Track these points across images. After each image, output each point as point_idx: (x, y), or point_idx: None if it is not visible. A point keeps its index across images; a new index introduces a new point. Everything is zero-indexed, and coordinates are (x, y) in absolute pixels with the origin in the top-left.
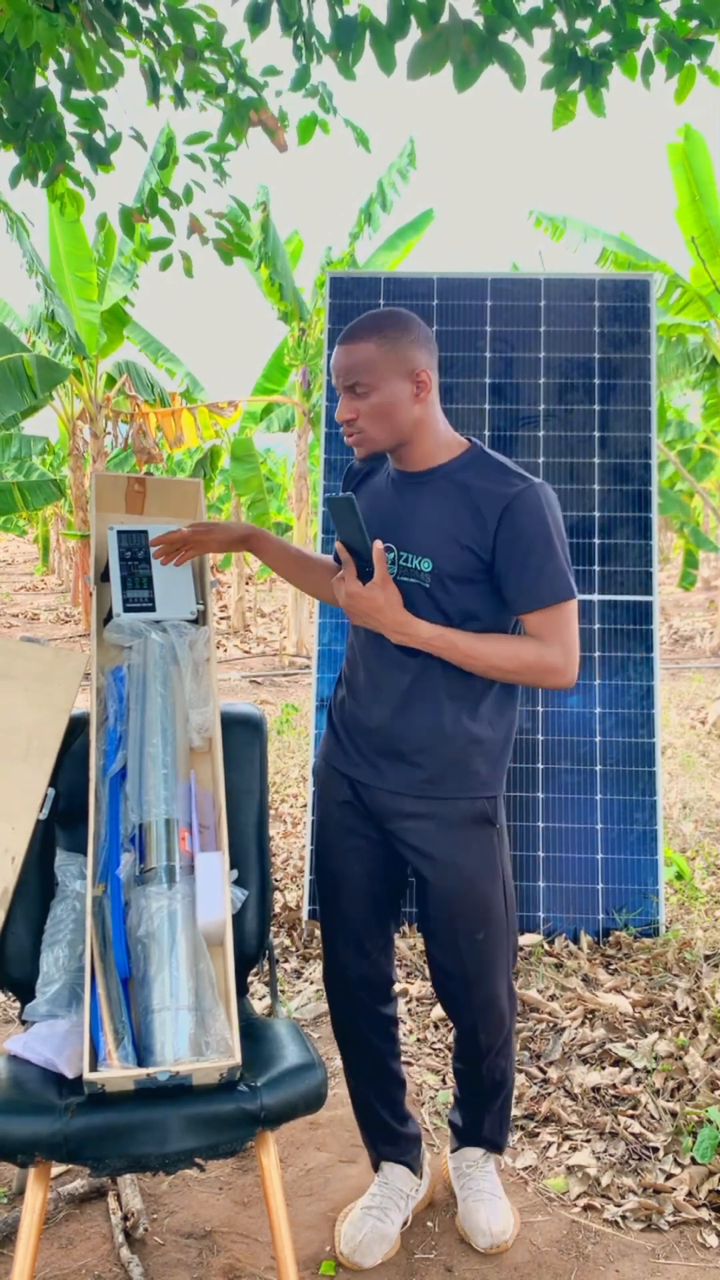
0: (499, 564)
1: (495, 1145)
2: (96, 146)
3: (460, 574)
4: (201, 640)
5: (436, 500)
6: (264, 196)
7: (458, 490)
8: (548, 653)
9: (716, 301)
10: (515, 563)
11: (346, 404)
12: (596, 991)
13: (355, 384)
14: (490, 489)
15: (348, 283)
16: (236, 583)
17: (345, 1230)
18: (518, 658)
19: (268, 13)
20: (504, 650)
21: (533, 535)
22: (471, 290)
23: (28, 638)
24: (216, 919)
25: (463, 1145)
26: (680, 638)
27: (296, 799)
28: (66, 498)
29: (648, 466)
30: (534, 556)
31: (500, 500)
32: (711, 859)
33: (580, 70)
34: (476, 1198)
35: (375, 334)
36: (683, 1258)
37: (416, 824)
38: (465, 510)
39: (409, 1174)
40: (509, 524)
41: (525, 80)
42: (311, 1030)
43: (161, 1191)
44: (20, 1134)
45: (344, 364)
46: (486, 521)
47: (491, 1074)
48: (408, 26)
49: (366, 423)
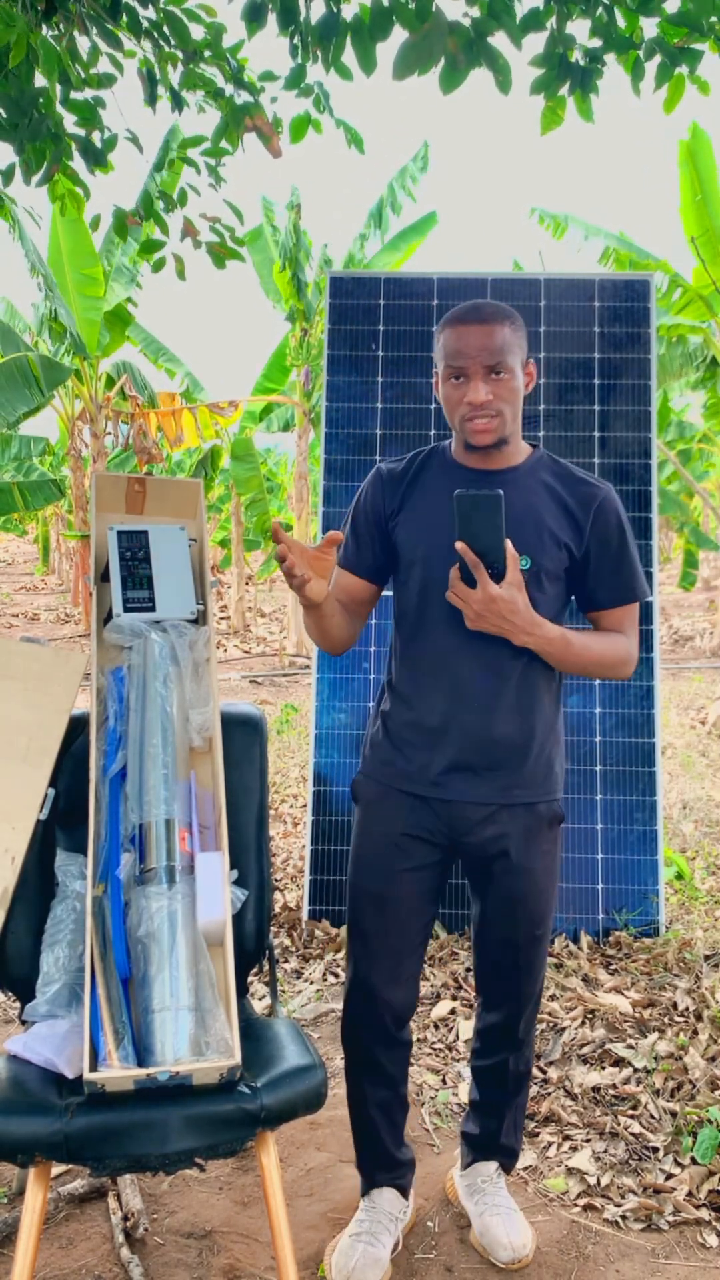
0: (592, 562)
1: (510, 1153)
2: (93, 147)
3: (555, 571)
4: (201, 640)
5: (527, 499)
6: (295, 198)
7: (544, 489)
8: (632, 645)
9: (717, 301)
10: (608, 560)
11: (483, 386)
12: (596, 991)
13: (498, 364)
14: (577, 489)
15: (348, 283)
16: (236, 583)
17: (336, 1261)
18: (616, 652)
19: (264, 12)
20: (606, 645)
21: (622, 534)
22: (471, 290)
23: (28, 638)
24: (216, 919)
25: (476, 1160)
26: (680, 638)
27: (296, 799)
28: (66, 498)
29: (648, 466)
30: (625, 554)
31: (590, 500)
32: (711, 859)
33: (569, 75)
34: (494, 1212)
35: (508, 318)
36: (683, 1258)
37: (499, 830)
38: (558, 509)
39: (397, 1197)
40: (601, 523)
41: (511, 84)
42: (311, 1030)
43: (161, 1191)
44: (20, 1134)
45: (484, 344)
46: (579, 520)
47: (519, 1066)
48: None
49: (505, 406)
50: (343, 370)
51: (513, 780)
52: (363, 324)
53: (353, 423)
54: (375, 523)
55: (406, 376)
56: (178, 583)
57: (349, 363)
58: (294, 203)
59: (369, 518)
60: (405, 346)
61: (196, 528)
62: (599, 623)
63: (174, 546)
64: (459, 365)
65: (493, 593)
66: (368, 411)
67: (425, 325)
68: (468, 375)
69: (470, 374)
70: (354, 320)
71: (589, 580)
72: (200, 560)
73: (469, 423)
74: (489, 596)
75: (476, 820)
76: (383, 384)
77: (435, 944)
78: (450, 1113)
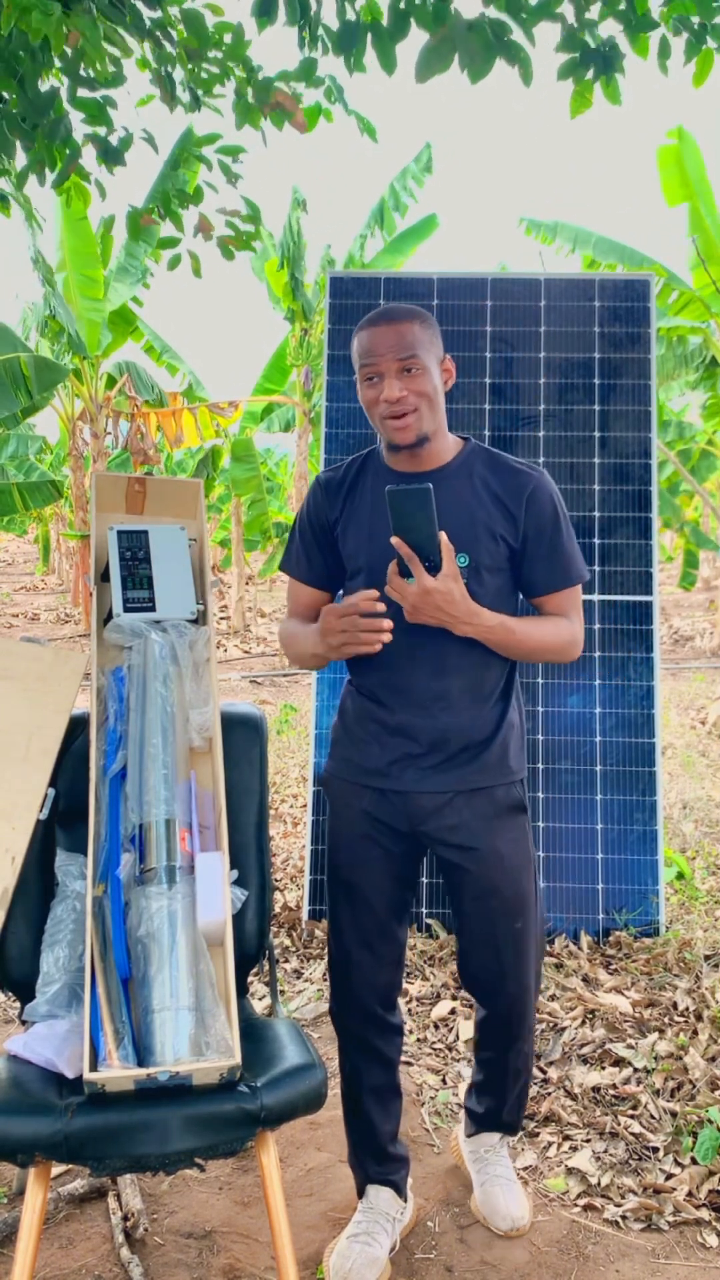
0: (528, 550)
1: (512, 1127)
2: (110, 147)
3: (494, 564)
4: (201, 640)
5: (459, 495)
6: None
7: (477, 483)
8: (575, 628)
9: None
10: (543, 547)
11: (396, 383)
12: (596, 991)
13: (411, 360)
14: (508, 480)
15: (348, 283)
16: (236, 583)
17: (334, 1263)
18: (559, 635)
19: (275, 7)
20: (548, 630)
21: (555, 520)
22: (471, 290)
23: (28, 638)
24: (216, 919)
25: (480, 1130)
26: (680, 638)
27: (296, 799)
28: (66, 498)
29: (648, 466)
30: (559, 540)
31: (522, 490)
32: (711, 859)
33: (594, 60)
34: (494, 1183)
35: (417, 317)
36: (683, 1258)
37: (458, 819)
38: (490, 501)
39: (394, 1197)
40: (534, 511)
41: (533, 75)
42: (311, 1030)
43: (161, 1191)
44: (20, 1134)
45: (393, 342)
46: (512, 511)
47: (516, 1060)
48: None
49: (421, 401)
50: (343, 370)
51: (469, 769)
52: None
53: (353, 423)
54: (319, 533)
55: None
56: (178, 583)
57: (349, 363)
58: (299, 199)
59: (314, 529)
60: None
61: (196, 528)
62: (542, 608)
63: (174, 546)
64: (371, 363)
65: (428, 585)
66: None
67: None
68: (381, 374)
69: (383, 372)
70: (354, 320)
71: (525, 567)
72: (200, 560)
73: (387, 421)
74: (425, 589)
75: (432, 809)
76: None
77: (435, 944)
78: (450, 1112)
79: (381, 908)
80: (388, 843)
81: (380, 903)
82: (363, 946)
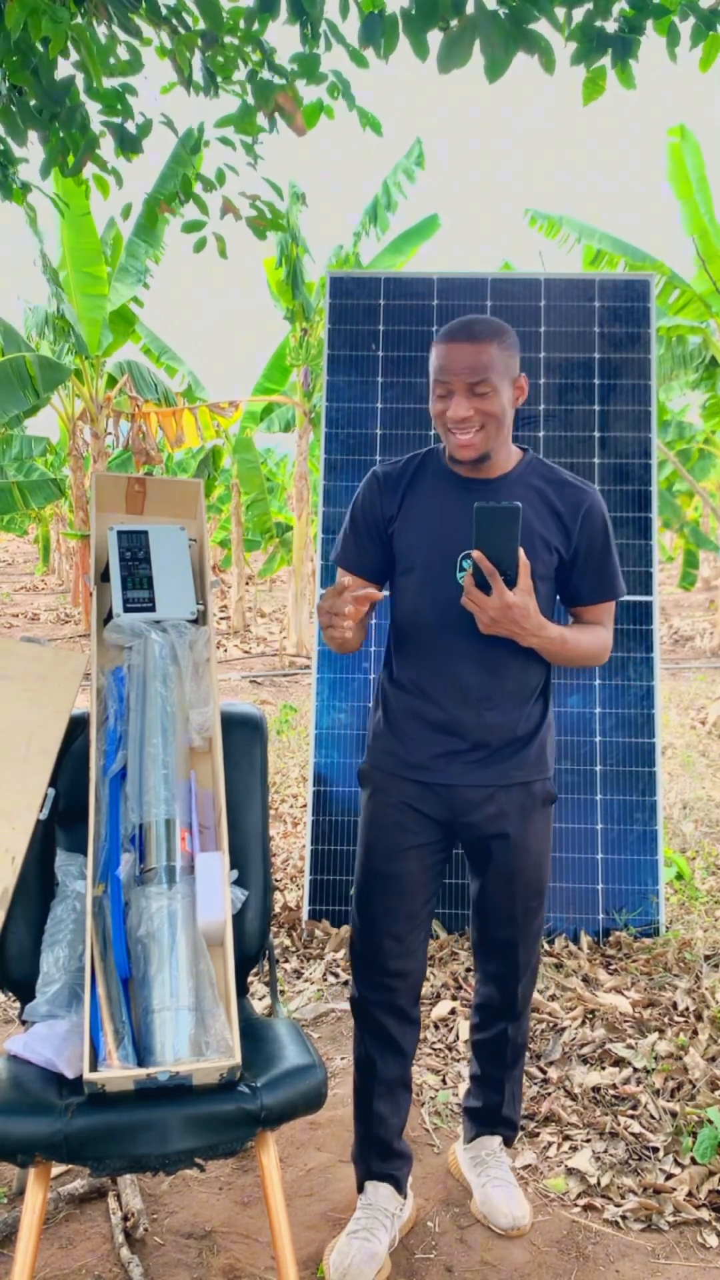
0: (579, 563)
1: (511, 1126)
2: (128, 135)
3: (546, 574)
4: (201, 640)
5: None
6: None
7: (535, 495)
8: (609, 637)
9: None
10: (594, 562)
11: (465, 403)
12: (596, 991)
13: (480, 383)
14: (564, 494)
15: (348, 283)
16: (236, 583)
17: (334, 1260)
18: (598, 644)
19: (278, 2)
20: (593, 639)
21: (606, 536)
22: (471, 290)
23: (28, 638)
24: (216, 919)
25: (479, 1134)
26: (680, 638)
27: (296, 799)
28: (66, 498)
29: (648, 466)
30: (608, 556)
31: (578, 506)
32: (711, 859)
33: (609, 45)
34: (495, 1184)
35: (497, 336)
36: (683, 1258)
37: (497, 809)
38: (547, 514)
39: (394, 1193)
40: (588, 528)
41: (555, 63)
42: (311, 1030)
43: (161, 1191)
44: (20, 1134)
45: (469, 362)
46: (567, 525)
47: (517, 1037)
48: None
49: (488, 422)
50: (343, 370)
51: (511, 764)
52: (363, 324)
53: (353, 423)
54: (375, 526)
55: (406, 376)
56: (178, 583)
57: (349, 363)
58: (298, 192)
59: (369, 521)
60: (405, 346)
61: (196, 528)
62: (580, 616)
63: (174, 546)
64: (444, 381)
65: (509, 600)
66: (368, 411)
67: (425, 325)
68: (452, 392)
69: (454, 390)
70: (354, 320)
71: (574, 579)
72: (200, 560)
73: (451, 435)
74: (505, 604)
75: (476, 801)
76: (383, 384)
77: (435, 944)
78: (450, 1112)
79: (414, 898)
80: (424, 833)
81: (413, 893)
82: (394, 938)
